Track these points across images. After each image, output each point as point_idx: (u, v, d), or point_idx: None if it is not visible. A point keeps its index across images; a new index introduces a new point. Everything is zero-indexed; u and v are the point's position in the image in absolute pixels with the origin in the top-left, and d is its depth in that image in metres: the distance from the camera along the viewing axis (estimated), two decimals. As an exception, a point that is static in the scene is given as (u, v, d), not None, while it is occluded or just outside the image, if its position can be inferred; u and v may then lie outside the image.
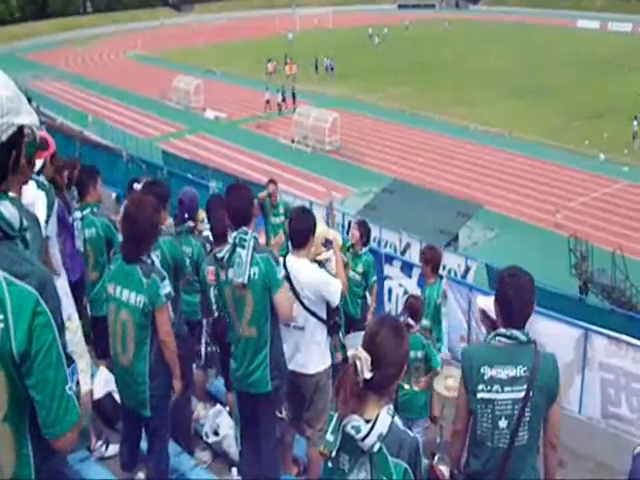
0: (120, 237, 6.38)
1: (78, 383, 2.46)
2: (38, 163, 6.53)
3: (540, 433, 4.54)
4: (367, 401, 3.42)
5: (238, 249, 5.68)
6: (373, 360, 3.35)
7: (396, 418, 3.43)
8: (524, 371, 4.34)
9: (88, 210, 7.57)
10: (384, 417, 3.36)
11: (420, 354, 8.28)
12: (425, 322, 9.53)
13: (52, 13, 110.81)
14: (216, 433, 7.30)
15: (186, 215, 8.03)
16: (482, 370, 4.39)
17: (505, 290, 4.47)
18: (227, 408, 7.53)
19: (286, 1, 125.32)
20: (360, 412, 3.40)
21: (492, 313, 8.34)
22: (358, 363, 3.33)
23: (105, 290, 5.86)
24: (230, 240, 5.79)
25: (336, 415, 3.48)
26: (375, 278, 11.00)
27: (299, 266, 6.20)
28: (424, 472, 3.59)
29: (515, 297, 4.43)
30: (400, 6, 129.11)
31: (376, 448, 3.32)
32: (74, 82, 64.92)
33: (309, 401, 6.55)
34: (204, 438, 7.33)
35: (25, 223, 2.40)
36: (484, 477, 4.56)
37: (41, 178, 6.02)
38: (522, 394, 4.33)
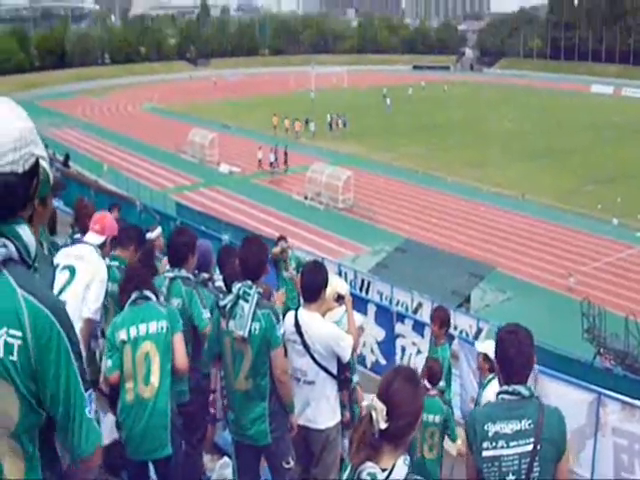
0: None
1: (97, 411, 2.46)
2: (98, 239, 6.72)
3: None
4: (382, 451, 3.34)
5: (241, 302, 5.68)
6: (388, 410, 3.29)
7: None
8: (529, 424, 4.25)
9: (116, 263, 7.54)
10: (400, 466, 3.29)
11: (438, 419, 8.17)
12: (441, 384, 9.45)
13: (71, 63, 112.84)
14: (223, 485, 7.21)
15: (196, 270, 8.00)
16: (486, 427, 4.29)
17: (505, 348, 4.42)
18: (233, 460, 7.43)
19: (301, 59, 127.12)
20: (375, 461, 3.31)
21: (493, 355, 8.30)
22: (374, 414, 3.27)
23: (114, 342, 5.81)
24: (234, 291, 5.76)
25: (351, 464, 3.40)
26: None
27: (311, 320, 6.16)
28: None
29: (516, 354, 4.37)
30: (415, 67, 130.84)
31: None
32: (90, 131, 65.73)
33: (318, 456, 6.46)
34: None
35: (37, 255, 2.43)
36: None
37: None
38: (529, 447, 4.22)
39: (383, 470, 3.27)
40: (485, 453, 4.30)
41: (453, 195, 45.79)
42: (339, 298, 7.14)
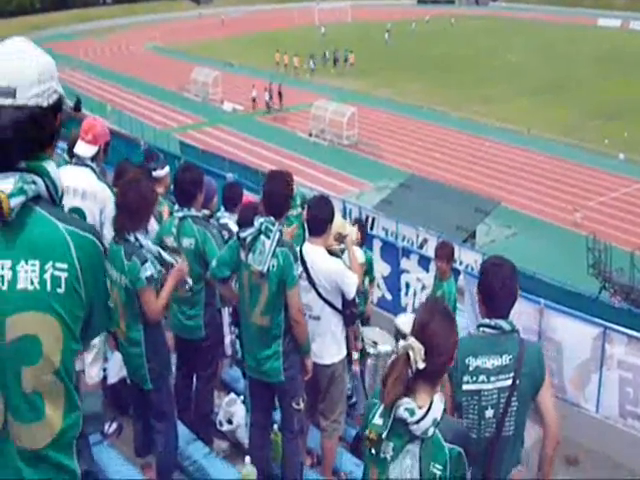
0: None
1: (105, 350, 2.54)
2: (91, 149, 6.49)
3: (525, 424, 4.47)
4: (418, 390, 3.36)
5: (262, 237, 5.59)
6: (426, 350, 3.29)
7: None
8: (509, 359, 4.28)
9: None
10: (437, 403, 3.31)
11: None
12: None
13: (72, 4, 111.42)
14: (230, 422, 7.26)
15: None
16: (467, 361, 4.31)
17: (489, 280, 4.42)
18: (241, 397, 7.48)
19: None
20: (411, 399, 3.33)
21: None
22: (411, 353, 3.26)
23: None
24: (256, 225, 5.66)
25: (380, 402, 3.41)
26: (374, 274, 11.10)
27: (316, 255, 6.13)
28: None
29: (500, 287, 4.38)
30: (420, 2, 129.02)
31: (430, 432, 3.26)
32: (93, 72, 65.21)
33: (324, 392, 6.49)
34: (217, 426, 7.27)
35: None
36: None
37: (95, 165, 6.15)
38: (508, 382, 4.27)
39: (420, 407, 3.29)
40: (465, 387, 4.34)
41: (458, 130, 45.57)
42: (340, 237, 7.12)
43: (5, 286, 2.20)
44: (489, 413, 4.32)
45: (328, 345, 6.31)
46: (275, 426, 6.61)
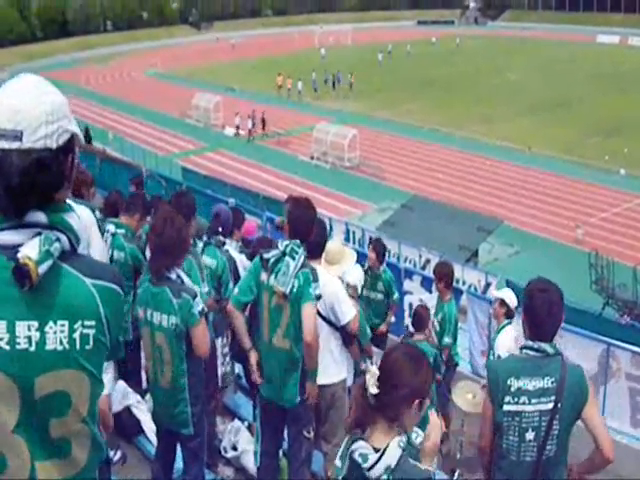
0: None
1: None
2: None
3: (567, 446, 4.45)
4: (376, 426, 3.30)
5: (287, 258, 5.59)
6: (381, 378, 3.27)
7: (406, 452, 3.27)
8: (552, 382, 4.29)
9: (122, 231, 7.54)
10: (393, 448, 3.20)
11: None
12: (447, 340, 9.57)
13: (72, 32, 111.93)
14: (234, 448, 7.26)
15: (220, 229, 8.00)
16: (509, 382, 4.33)
17: (537, 306, 4.41)
18: (245, 423, 7.49)
19: (305, 19, 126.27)
20: (370, 439, 3.28)
21: (510, 302, 8.33)
22: (367, 376, 3.27)
23: (136, 315, 5.73)
24: (280, 247, 5.67)
25: (346, 438, 3.37)
26: (397, 295, 11.17)
27: (319, 271, 6.04)
28: None
29: (547, 314, 4.39)
30: (419, 22, 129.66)
31: None
32: (94, 99, 65.41)
33: (324, 414, 6.46)
34: (222, 453, 7.28)
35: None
36: None
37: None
38: (550, 405, 4.28)
39: (376, 450, 3.21)
40: (506, 407, 4.35)
41: (459, 150, 45.57)
42: (348, 287, 7.16)
43: (33, 347, 2.16)
44: (530, 435, 4.33)
45: (326, 365, 6.24)
46: (280, 452, 6.55)
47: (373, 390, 3.22)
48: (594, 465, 4.52)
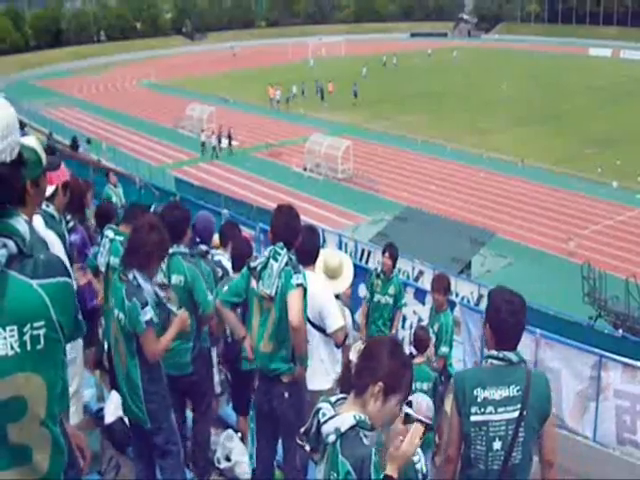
0: None
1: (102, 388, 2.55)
2: (48, 190, 6.46)
3: (532, 453, 4.50)
4: (349, 399, 3.45)
5: (271, 261, 5.60)
6: (363, 352, 3.49)
7: (363, 432, 3.33)
8: (517, 390, 4.33)
9: (121, 238, 7.54)
10: (347, 417, 3.32)
11: (426, 386, 8.17)
12: (444, 349, 9.58)
13: (66, 41, 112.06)
14: (228, 459, 7.24)
15: (197, 239, 7.99)
16: (475, 392, 4.37)
17: (501, 317, 4.43)
18: (238, 434, 7.48)
19: (299, 30, 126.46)
20: (338, 406, 3.45)
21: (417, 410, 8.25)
22: (352, 348, 3.39)
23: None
24: (266, 253, 5.69)
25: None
26: (405, 300, 11.29)
27: (310, 278, 6.00)
28: None
29: (513, 323, 4.43)
30: (413, 35, 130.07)
31: (331, 439, 3.31)
32: (88, 110, 65.49)
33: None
34: (215, 464, 7.27)
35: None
36: None
37: (51, 209, 5.88)
38: (516, 414, 4.32)
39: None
40: (473, 418, 4.38)
41: (452, 162, 45.68)
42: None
43: None
44: (497, 445, 4.36)
45: (316, 371, 6.21)
46: (275, 462, 6.54)
47: (352, 357, 3.34)
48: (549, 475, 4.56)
